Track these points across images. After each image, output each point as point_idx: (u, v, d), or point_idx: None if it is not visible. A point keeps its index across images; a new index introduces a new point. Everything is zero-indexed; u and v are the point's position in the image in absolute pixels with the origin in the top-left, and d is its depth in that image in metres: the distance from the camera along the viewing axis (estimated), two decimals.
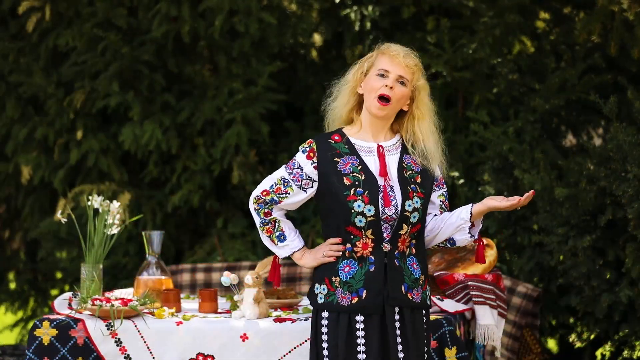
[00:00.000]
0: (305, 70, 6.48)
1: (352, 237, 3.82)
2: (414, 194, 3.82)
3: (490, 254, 4.70)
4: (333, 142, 3.88)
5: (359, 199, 3.78)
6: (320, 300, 3.86)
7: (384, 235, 3.80)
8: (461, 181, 5.84)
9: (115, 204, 4.58)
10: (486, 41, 5.87)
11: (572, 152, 5.83)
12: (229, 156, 6.06)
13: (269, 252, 5.82)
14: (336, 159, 3.84)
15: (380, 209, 3.78)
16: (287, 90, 6.36)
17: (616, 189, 5.03)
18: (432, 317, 4.15)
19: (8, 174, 6.37)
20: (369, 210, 3.78)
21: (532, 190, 3.79)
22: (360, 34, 6.28)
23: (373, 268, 3.80)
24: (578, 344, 5.74)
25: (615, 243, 5.21)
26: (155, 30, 5.93)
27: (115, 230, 4.58)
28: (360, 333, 3.81)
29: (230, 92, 6.09)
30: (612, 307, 5.20)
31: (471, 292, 4.45)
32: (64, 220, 4.64)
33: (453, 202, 5.88)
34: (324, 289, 3.86)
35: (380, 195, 3.79)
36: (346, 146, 3.87)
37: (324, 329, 3.85)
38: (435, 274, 4.57)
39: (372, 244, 3.81)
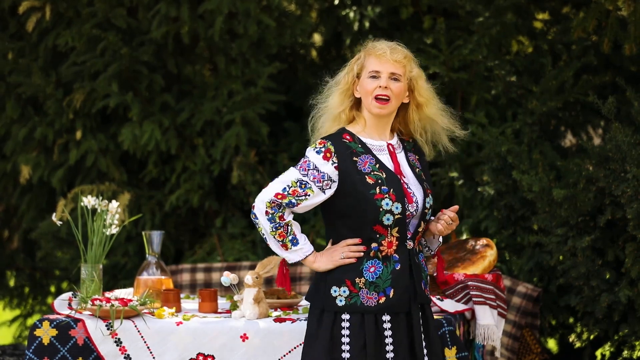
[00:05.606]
0: (305, 70, 6.47)
1: (378, 236, 3.77)
2: (429, 191, 3.88)
3: (490, 254, 4.71)
4: (347, 141, 3.83)
5: (386, 197, 3.75)
6: (341, 303, 3.78)
7: (408, 233, 3.81)
8: (460, 182, 5.83)
9: (114, 204, 4.58)
10: (483, 41, 5.87)
11: (571, 153, 5.83)
12: (228, 157, 6.05)
13: (269, 252, 5.88)
14: (354, 158, 3.80)
15: (406, 206, 3.79)
16: (286, 90, 6.35)
17: (615, 189, 5.03)
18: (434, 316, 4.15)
19: (6, 173, 6.37)
20: (397, 208, 3.77)
21: (456, 206, 3.86)
22: (359, 34, 6.28)
23: (399, 266, 3.79)
24: (578, 344, 5.74)
25: (615, 243, 5.21)
26: (155, 30, 5.93)
27: (114, 230, 4.58)
28: (388, 333, 3.78)
29: (229, 93, 6.08)
30: (611, 307, 5.20)
31: (471, 292, 4.45)
32: (59, 223, 4.63)
33: (451, 202, 5.89)
34: (344, 291, 3.79)
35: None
36: (359, 145, 3.84)
37: (345, 332, 3.78)
38: (435, 274, 4.57)
39: (397, 242, 3.79)
